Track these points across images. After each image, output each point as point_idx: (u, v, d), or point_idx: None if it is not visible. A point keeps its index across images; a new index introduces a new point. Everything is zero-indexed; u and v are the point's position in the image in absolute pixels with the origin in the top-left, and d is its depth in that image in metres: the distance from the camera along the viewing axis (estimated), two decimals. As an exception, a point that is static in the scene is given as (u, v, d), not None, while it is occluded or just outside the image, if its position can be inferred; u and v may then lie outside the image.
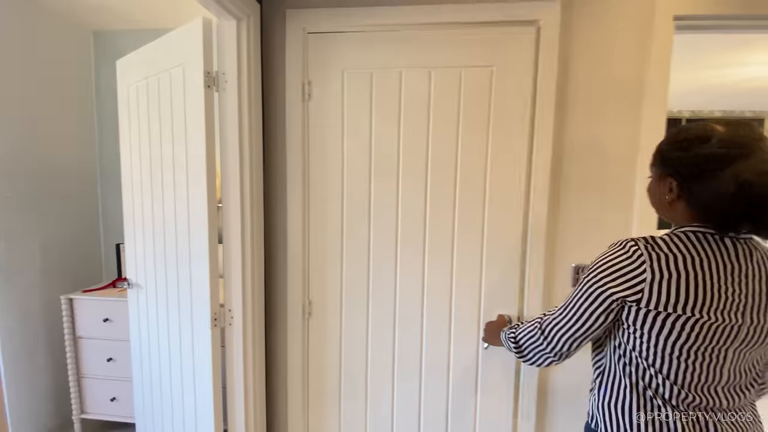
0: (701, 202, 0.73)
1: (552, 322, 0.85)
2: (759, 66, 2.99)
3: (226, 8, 1.21)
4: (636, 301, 0.73)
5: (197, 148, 1.29)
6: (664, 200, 0.79)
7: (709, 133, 0.72)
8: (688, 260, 0.72)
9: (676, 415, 0.75)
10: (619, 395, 0.81)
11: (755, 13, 1.24)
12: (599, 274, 0.78)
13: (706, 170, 0.71)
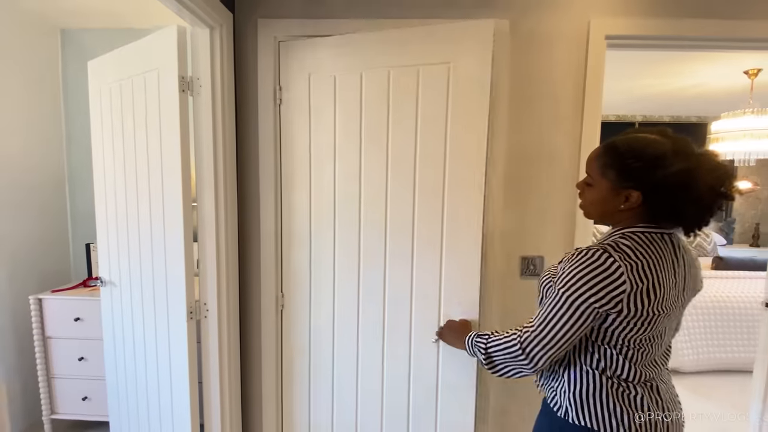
0: (669, 212, 0.81)
1: (534, 340, 0.85)
2: (696, 76, 3.29)
3: (200, 18, 1.28)
4: (618, 312, 0.79)
5: (172, 149, 1.35)
6: (617, 208, 0.85)
7: (668, 150, 0.79)
8: (651, 263, 0.80)
9: (638, 388, 0.85)
10: (590, 383, 0.86)
11: (674, 34, 1.43)
12: (579, 286, 0.79)
13: (680, 186, 0.78)
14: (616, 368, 0.85)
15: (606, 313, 0.80)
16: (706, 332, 3.11)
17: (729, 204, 5.44)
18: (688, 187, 0.77)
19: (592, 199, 0.90)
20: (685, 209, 0.80)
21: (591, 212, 0.93)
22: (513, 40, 1.43)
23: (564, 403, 0.89)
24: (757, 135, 3.06)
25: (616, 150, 0.84)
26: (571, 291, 0.80)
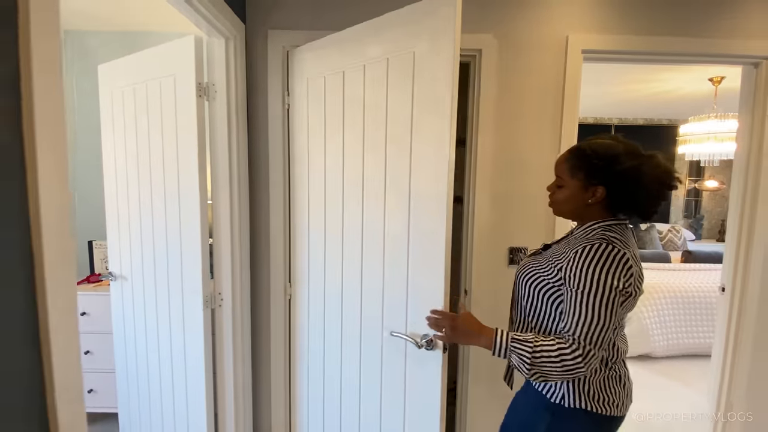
0: (626, 202, 0.94)
1: (590, 342, 0.86)
2: (666, 83, 3.54)
3: (217, 28, 1.38)
4: (629, 296, 0.90)
5: (189, 150, 1.45)
6: (584, 203, 0.97)
7: (621, 151, 0.93)
8: (632, 250, 0.92)
9: (619, 365, 0.98)
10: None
11: (643, 50, 1.61)
12: (608, 277, 0.86)
13: (633, 179, 0.92)
14: (609, 352, 0.95)
15: (626, 295, 0.88)
16: (676, 320, 3.35)
17: (698, 203, 5.78)
18: (638, 180, 0.92)
19: (565, 198, 1.00)
20: (637, 199, 0.94)
21: (563, 210, 1.03)
22: (500, 52, 1.58)
23: (559, 390, 0.97)
24: (720, 138, 3.32)
25: (583, 153, 0.97)
26: (605, 282, 0.86)
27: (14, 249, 0.60)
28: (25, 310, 0.61)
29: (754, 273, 1.75)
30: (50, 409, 0.61)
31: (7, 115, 0.59)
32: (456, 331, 1.01)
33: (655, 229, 5.00)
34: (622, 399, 0.98)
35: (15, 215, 0.60)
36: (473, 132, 1.66)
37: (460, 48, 1.13)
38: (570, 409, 0.97)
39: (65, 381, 0.63)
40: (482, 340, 0.96)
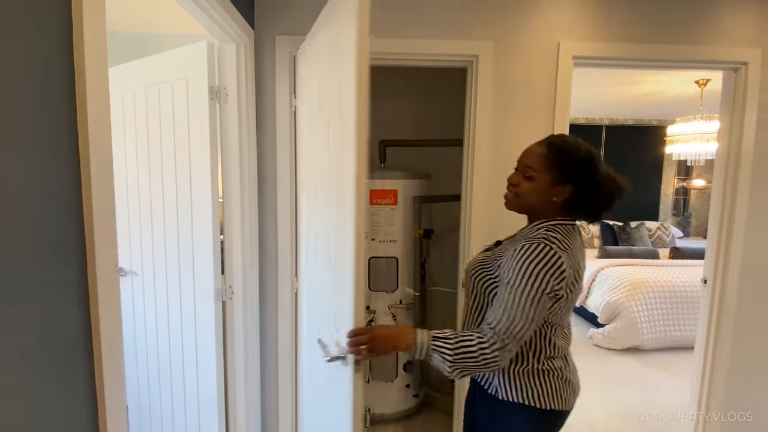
0: (587, 204, 0.97)
1: (508, 335, 0.88)
2: (654, 85, 3.66)
3: (228, 34, 1.46)
4: (560, 297, 0.92)
5: (201, 150, 1.52)
6: (548, 200, 0.97)
7: (594, 154, 0.98)
8: (574, 250, 0.94)
9: (557, 361, 1.00)
10: (524, 361, 0.98)
11: (629, 56, 1.71)
12: (537, 277, 0.88)
13: (597, 181, 0.96)
14: (544, 349, 0.97)
15: (555, 298, 0.91)
16: (664, 314, 3.47)
17: (686, 201, 5.93)
18: (602, 185, 0.97)
19: (530, 190, 0.97)
20: (598, 202, 0.98)
21: (524, 203, 1.00)
22: (496, 58, 1.67)
23: (492, 383, 1.01)
24: (705, 138, 3.45)
25: (561, 150, 0.96)
26: (533, 282, 0.88)
27: (72, 220, 0.68)
28: (78, 276, 0.69)
29: (733, 265, 1.86)
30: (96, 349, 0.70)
31: (68, 105, 0.67)
32: (376, 340, 0.94)
33: (644, 227, 5.14)
34: (561, 393, 0.99)
35: (72, 190, 0.68)
36: (471, 133, 1.75)
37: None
38: (505, 402, 1.00)
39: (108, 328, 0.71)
40: (403, 341, 0.92)
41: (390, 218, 2.17)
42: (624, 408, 2.57)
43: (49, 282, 0.63)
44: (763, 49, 1.77)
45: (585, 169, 0.96)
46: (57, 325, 0.65)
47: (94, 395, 0.73)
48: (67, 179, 0.67)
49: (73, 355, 0.68)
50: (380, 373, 2.26)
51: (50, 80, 0.63)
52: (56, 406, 0.65)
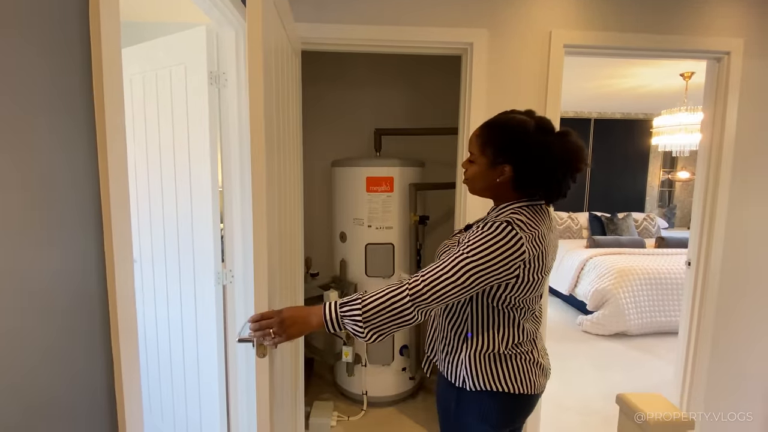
0: (532, 181, 0.92)
1: (425, 290, 0.85)
2: (640, 78, 3.75)
3: (228, 19, 1.47)
4: (516, 278, 0.89)
5: (201, 136, 1.54)
6: (493, 182, 0.94)
7: (532, 127, 0.90)
8: (540, 233, 0.90)
9: (525, 345, 0.99)
10: (491, 345, 0.96)
11: (619, 45, 1.77)
12: (480, 257, 0.84)
13: (538, 157, 0.89)
14: (513, 335, 0.96)
15: (501, 283, 0.89)
16: (649, 300, 3.59)
17: (671, 193, 6.08)
18: (543, 159, 0.90)
19: (474, 175, 0.96)
20: (544, 179, 0.92)
21: (474, 187, 0.98)
22: (490, 45, 1.72)
23: (459, 374, 0.99)
24: (689, 129, 3.55)
25: (493, 129, 0.93)
26: (473, 258, 0.85)
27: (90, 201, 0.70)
28: (97, 251, 0.71)
29: (716, 248, 1.95)
30: (113, 328, 0.72)
31: (84, 89, 0.69)
32: (284, 323, 0.88)
33: (631, 218, 5.27)
34: (531, 376, 0.98)
35: (90, 171, 0.70)
36: (465, 120, 1.79)
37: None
38: (474, 392, 0.98)
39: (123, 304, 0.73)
40: (314, 319, 0.87)
41: (386, 205, 2.21)
42: (615, 388, 2.67)
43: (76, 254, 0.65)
44: (745, 39, 1.84)
45: (518, 145, 0.91)
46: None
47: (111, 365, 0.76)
48: (86, 166, 0.69)
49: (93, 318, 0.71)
50: (377, 357, 2.30)
51: (70, 69, 0.65)
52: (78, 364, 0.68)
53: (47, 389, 0.61)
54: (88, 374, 0.70)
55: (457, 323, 1.01)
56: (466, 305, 0.99)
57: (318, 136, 2.74)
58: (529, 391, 0.98)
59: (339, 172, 2.30)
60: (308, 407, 2.26)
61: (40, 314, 0.60)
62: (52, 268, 0.62)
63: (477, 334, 0.98)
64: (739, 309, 1.99)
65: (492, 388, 0.97)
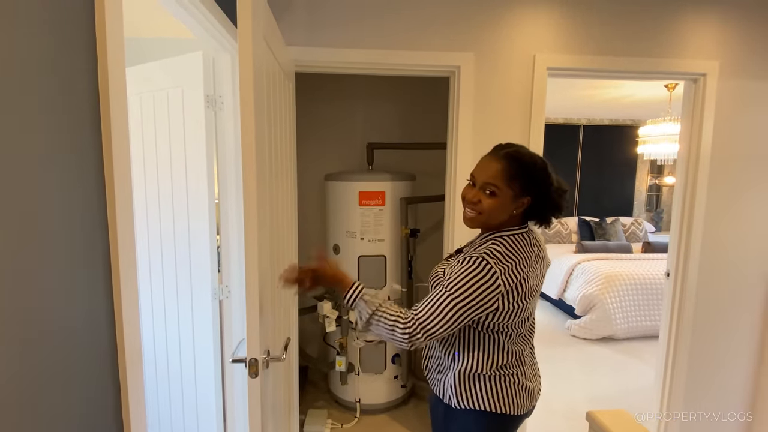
0: (542, 212, 1.01)
1: (419, 328, 0.93)
2: (628, 88, 3.85)
3: (223, 46, 1.53)
4: (495, 310, 0.95)
5: (198, 156, 1.59)
6: (511, 213, 1.00)
7: (545, 162, 1.02)
8: (520, 262, 0.96)
9: (510, 367, 1.04)
10: (475, 367, 1.02)
11: (598, 68, 1.85)
12: (463, 293, 0.92)
13: (552, 191, 1.00)
14: (497, 358, 1.02)
15: (483, 315, 0.95)
16: (635, 305, 3.69)
17: (659, 197, 6.21)
18: (553, 193, 1.01)
19: (495, 206, 0.98)
20: (552, 209, 1.03)
21: (489, 221, 1.01)
22: (476, 68, 1.79)
23: (446, 392, 1.05)
24: (673, 139, 3.66)
25: (520, 163, 0.98)
26: (457, 296, 0.92)
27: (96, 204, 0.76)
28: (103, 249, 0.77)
29: (693, 259, 2.04)
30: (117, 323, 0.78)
31: (92, 105, 0.74)
32: (318, 272, 1.01)
33: (619, 223, 5.38)
34: (514, 397, 1.03)
35: (95, 175, 0.76)
36: (453, 137, 1.86)
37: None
38: (459, 410, 1.04)
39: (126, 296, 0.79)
40: (343, 283, 1.00)
41: (378, 218, 2.27)
42: (600, 391, 2.76)
43: (77, 282, 0.71)
44: (720, 62, 1.94)
45: (543, 181, 1.00)
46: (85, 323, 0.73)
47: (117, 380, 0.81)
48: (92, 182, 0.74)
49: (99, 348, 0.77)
50: (369, 366, 2.36)
51: (77, 87, 0.71)
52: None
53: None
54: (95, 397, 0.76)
55: (447, 344, 1.07)
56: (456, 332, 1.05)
57: (312, 149, 2.80)
58: (512, 411, 1.03)
59: (332, 186, 2.36)
60: (303, 415, 2.32)
61: (53, 376, 0.65)
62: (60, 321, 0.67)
63: (463, 355, 1.04)
64: (715, 317, 2.09)
65: (475, 407, 1.02)
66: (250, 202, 1.01)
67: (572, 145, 5.68)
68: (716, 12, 1.90)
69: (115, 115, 0.78)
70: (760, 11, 1.91)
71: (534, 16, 1.80)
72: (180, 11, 1.23)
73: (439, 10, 1.75)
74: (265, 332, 1.07)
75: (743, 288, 2.08)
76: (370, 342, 2.33)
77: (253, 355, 0.99)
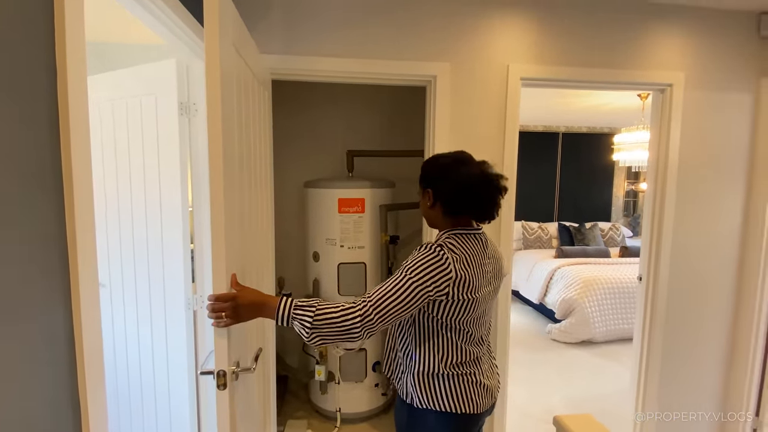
0: (445, 200, 1.05)
1: (374, 312, 0.93)
2: (603, 97, 3.97)
3: (196, 53, 1.51)
4: (445, 295, 0.99)
5: (171, 163, 1.57)
6: (428, 209, 1.10)
7: (448, 160, 1.07)
8: (468, 257, 1.01)
9: (467, 366, 1.07)
10: (432, 366, 1.04)
11: (570, 78, 1.90)
12: (419, 273, 0.96)
13: (452, 181, 1.04)
14: (451, 355, 1.05)
15: (435, 299, 0.99)
16: (613, 308, 3.77)
17: (635, 203, 6.38)
18: (458, 182, 1.04)
19: (422, 207, 1.14)
20: (464, 201, 1.05)
21: (427, 218, 1.14)
22: (452, 78, 1.82)
23: (408, 392, 1.08)
24: (647, 146, 3.77)
25: (425, 163, 1.13)
26: (413, 276, 0.96)
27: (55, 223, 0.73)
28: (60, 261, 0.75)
29: (663, 263, 2.10)
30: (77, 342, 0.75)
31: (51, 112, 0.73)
32: (238, 308, 0.93)
33: (597, 227, 5.51)
34: (473, 396, 1.06)
35: (54, 181, 0.74)
36: (430, 145, 1.88)
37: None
38: (420, 410, 1.07)
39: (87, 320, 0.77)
40: (267, 310, 0.94)
41: (358, 225, 2.27)
42: (579, 395, 2.80)
43: (35, 292, 0.69)
44: (686, 73, 2.02)
45: (439, 174, 1.08)
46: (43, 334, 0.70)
47: (77, 397, 0.79)
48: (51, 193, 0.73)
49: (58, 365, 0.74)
50: (350, 375, 2.35)
51: (36, 87, 0.69)
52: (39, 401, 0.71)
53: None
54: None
55: (405, 344, 1.10)
56: (410, 326, 1.08)
57: (291, 156, 2.79)
58: (470, 410, 1.06)
59: (312, 193, 2.35)
60: (281, 426, 2.28)
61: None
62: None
63: (419, 355, 1.07)
64: (685, 319, 2.15)
65: (435, 407, 1.05)
66: (217, 209, 1.01)
67: (552, 152, 5.80)
68: (681, 25, 1.98)
69: (75, 122, 0.76)
70: (721, 26, 2.00)
71: (508, 28, 1.84)
72: (151, 19, 1.22)
73: (416, 21, 1.78)
74: (234, 343, 1.05)
75: (711, 290, 2.16)
76: (350, 350, 2.31)
77: (221, 367, 0.98)
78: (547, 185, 5.83)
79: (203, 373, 0.98)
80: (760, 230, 2.09)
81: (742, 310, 2.17)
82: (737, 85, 2.05)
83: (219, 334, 0.97)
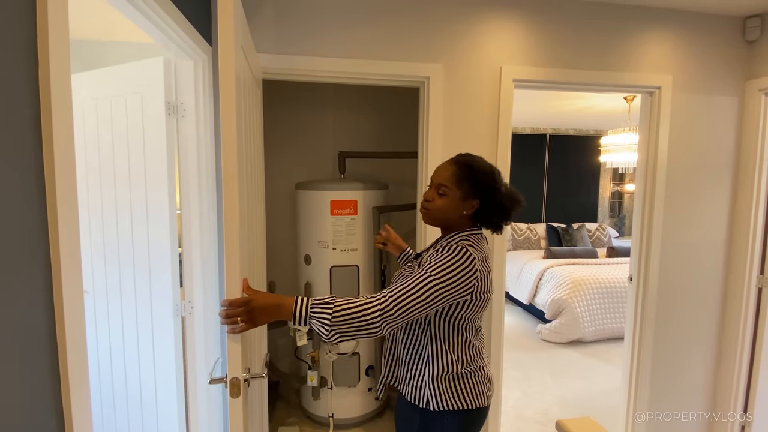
0: (491, 215, 1.09)
1: (394, 308, 0.93)
2: (589, 100, 4.02)
3: (185, 51, 1.47)
4: (470, 295, 1.01)
5: (158, 164, 1.51)
6: (460, 213, 1.08)
7: (497, 172, 1.11)
8: (484, 257, 1.05)
9: (476, 364, 1.10)
10: (450, 367, 1.06)
11: (561, 80, 1.91)
12: (444, 276, 0.96)
13: (499, 196, 1.08)
14: (467, 353, 1.07)
15: (459, 300, 1.00)
16: (602, 308, 3.81)
17: (621, 203, 6.49)
18: (503, 201, 1.09)
19: (444, 206, 1.08)
20: (500, 214, 1.10)
21: (439, 217, 1.10)
22: (445, 79, 1.81)
23: (423, 396, 1.08)
24: (632, 148, 3.84)
25: (471, 167, 1.08)
26: (438, 277, 0.96)
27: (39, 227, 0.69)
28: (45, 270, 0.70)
29: (654, 263, 2.12)
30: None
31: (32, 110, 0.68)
32: (253, 311, 0.90)
33: (585, 228, 5.58)
34: (483, 390, 1.10)
35: (35, 180, 0.69)
36: (424, 146, 1.87)
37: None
38: (438, 412, 1.07)
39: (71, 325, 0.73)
40: (283, 310, 0.91)
41: (351, 228, 2.24)
42: (572, 395, 2.81)
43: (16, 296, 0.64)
44: (674, 76, 2.05)
45: (490, 186, 1.08)
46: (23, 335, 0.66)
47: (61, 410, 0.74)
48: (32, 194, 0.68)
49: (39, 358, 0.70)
50: (343, 380, 2.31)
51: (15, 87, 0.65)
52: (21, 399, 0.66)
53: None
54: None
55: (418, 349, 1.09)
56: (425, 330, 1.08)
57: (283, 158, 2.74)
58: (484, 403, 1.10)
59: (303, 195, 2.32)
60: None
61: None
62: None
63: (438, 357, 1.07)
64: (675, 319, 2.18)
65: (454, 407, 1.06)
66: (232, 214, 0.96)
67: (539, 154, 5.87)
68: (669, 29, 2.01)
69: (57, 122, 0.72)
70: (708, 30, 2.04)
71: (501, 30, 1.84)
72: (140, 18, 1.17)
73: (409, 22, 1.77)
74: (246, 349, 1.01)
75: (700, 290, 2.19)
76: (343, 354, 2.28)
77: (234, 374, 0.93)
78: (535, 186, 5.88)
79: (213, 381, 0.94)
80: (745, 230, 2.14)
81: (729, 309, 2.21)
82: (723, 87, 2.09)
83: (232, 340, 0.93)
